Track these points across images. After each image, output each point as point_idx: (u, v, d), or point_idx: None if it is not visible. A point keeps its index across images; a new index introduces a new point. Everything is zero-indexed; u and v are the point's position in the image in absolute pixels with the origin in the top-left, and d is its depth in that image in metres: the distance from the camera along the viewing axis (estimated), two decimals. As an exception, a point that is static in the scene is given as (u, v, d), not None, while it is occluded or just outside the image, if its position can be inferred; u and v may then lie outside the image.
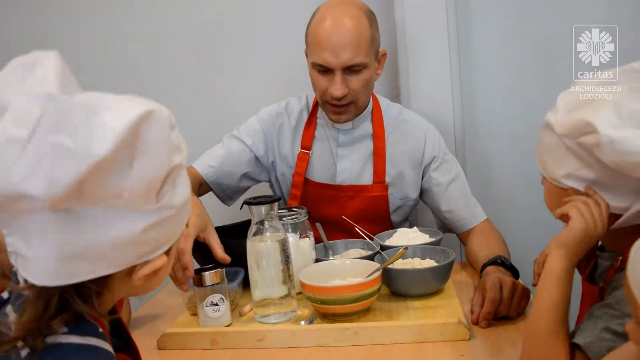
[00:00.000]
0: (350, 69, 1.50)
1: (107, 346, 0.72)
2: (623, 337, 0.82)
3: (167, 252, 0.76)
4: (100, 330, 0.72)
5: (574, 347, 0.88)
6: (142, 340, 1.28)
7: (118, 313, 0.88)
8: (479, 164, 2.06)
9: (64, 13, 2.20)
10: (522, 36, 1.97)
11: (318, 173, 1.69)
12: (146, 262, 0.73)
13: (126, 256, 0.71)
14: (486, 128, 2.05)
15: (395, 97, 2.03)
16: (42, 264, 0.67)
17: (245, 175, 1.69)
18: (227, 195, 1.72)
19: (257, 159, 1.70)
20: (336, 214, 1.63)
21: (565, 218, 0.93)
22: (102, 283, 0.71)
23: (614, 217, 0.90)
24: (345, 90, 1.52)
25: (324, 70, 1.52)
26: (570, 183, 0.92)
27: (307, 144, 1.68)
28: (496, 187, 2.08)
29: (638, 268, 0.61)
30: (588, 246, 0.92)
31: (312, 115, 1.69)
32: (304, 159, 1.68)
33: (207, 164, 1.67)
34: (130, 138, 0.63)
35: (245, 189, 1.76)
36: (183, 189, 0.73)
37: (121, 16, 2.18)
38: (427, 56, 1.90)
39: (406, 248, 1.33)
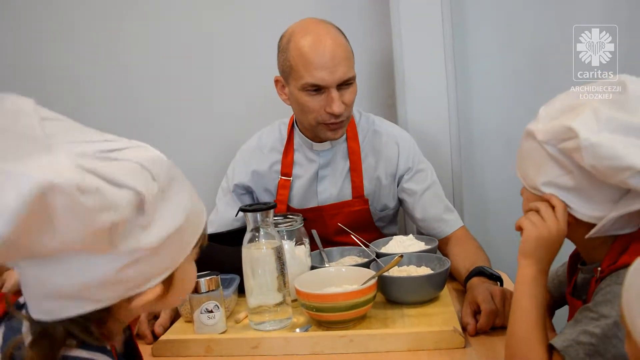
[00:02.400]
0: (343, 84, 1.50)
1: None
2: (600, 338, 0.83)
3: (167, 280, 0.75)
4: (108, 347, 0.73)
5: (553, 350, 0.89)
6: (137, 347, 1.28)
7: (132, 329, 0.88)
8: (474, 171, 2.07)
9: (58, 15, 2.20)
10: (518, 44, 1.98)
11: (300, 198, 1.69)
12: (140, 294, 0.72)
13: (111, 294, 0.70)
14: (482, 136, 2.05)
15: (391, 105, 2.03)
16: (30, 300, 0.69)
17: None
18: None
19: (242, 196, 1.72)
20: (322, 231, 1.63)
21: (521, 230, 0.98)
22: (102, 312, 0.71)
23: (589, 226, 0.92)
24: (343, 105, 1.51)
25: (316, 90, 1.50)
26: (549, 191, 0.94)
27: (287, 170, 1.68)
28: (492, 194, 2.08)
29: (630, 297, 0.62)
30: (551, 249, 0.94)
31: (289, 142, 1.68)
32: (285, 186, 1.68)
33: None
34: (33, 211, 0.59)
35: None
36: (159, 228, 0.71)
37: (116, 19, 2.18)
38: (423, 65, 1.90)
39: (402, 256, 1.33)
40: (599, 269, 0.92)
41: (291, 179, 1.68)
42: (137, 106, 2.21)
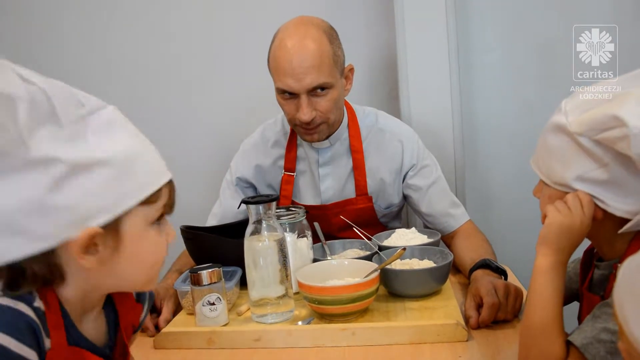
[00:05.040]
0: (315, 91, 1.47)
1: (34, 317, 0.73)
2: None
3: (113, 232, 0.75)
4: (36, 304, 0.73)
5: (570, 344, 0.87)
6: (139, 339, 1.27)
7: (124, 336, 0.88)
8: (478, 165, 2.06)
9: (58, 13, 2.20)
10: (521, 38, 1.98)
11: (304, 194, 1.68)
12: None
13: (45, 227, 0.70)
14: (485, 129, 2.05)
15: (394, 98, 2.03)
16: None
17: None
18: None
19: (246, 189, 1.71)
20: (326, 228, 1.62)
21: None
22: (47, 265, 0.73)
23: (618, 221, 0.90)
24: (313, 113, 1.49)
25: (289, 94, 1.49)
26: (580, 186, 0.91)
27: (290, 166, 1.66)
28: (495, 188, 2.08)
29: (622, 293, 0.61)
30: (572, 240, 0.92)
31: (292, 137, 1.66)
32: (289, 182, 1.67)
33: (209, 225, 1.67)
34: None
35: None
36: (84, 148, 0.71)
37: (115, 16, 2.18)
38: (426, 58, 1.89)
39: (404, 249, 1.32)
40: (619, 265, 0.91)
41: (295, 174, 1.67)
42: (138, 100, 2.20)
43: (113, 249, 0.75)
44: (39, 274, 0.73)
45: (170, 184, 0.81)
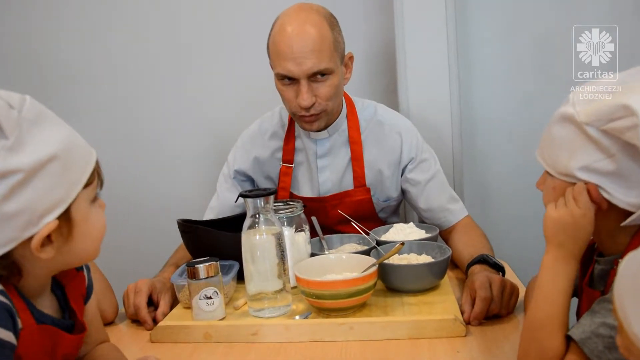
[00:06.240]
0: (315, 77, 1.47)
1: (5, 300, 0.75)
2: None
3: (66, 219, 0.77)
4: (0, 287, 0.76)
5: (570, 340, 0.87)
6: (135, 333, 1.27)
7: (73, 306, 0.90)
8: (476, 159, 2.06)
9: (46, 14, 2.18)
10: (521, 31, 1.97)
11: (302, 186, 1.68)
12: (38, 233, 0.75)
13: (1, 234, 0.72)
14: (484, 123, 2.04)
15: (392, 91, 2.02)
16: None
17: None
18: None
19: (243, 183, 1.71)
20: (324, 221, 1.61)
21: None
22: (6, 266, 0.75)
23: (621, 213, 0.89)
24: (313, 99, 1.48)
25: (289, 80, 1.48)
26: (585, 176, 0.90)
27: (288, 158, 1.66)
28: (493, 182, 2.07)
29: (622, 289, 0.61)
30: (570, 234, 0.90)
31: (290, 129, 1.65)
32: (287, 173, 1.66)
33: (207, 219, 1.66)
34: None
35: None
36: (32, 149, 0.73)
37: (113, 11, 2.16)
38: (425, 50, 1.89)
39: (402, 243, 1.32)
40: (620, 260, 0.90)
41: (293, 166, 1.66)
42: (135, 95, 2.19)
43: (66, 235, 0.79)
44: None
45: (97, 161, 0.84)
